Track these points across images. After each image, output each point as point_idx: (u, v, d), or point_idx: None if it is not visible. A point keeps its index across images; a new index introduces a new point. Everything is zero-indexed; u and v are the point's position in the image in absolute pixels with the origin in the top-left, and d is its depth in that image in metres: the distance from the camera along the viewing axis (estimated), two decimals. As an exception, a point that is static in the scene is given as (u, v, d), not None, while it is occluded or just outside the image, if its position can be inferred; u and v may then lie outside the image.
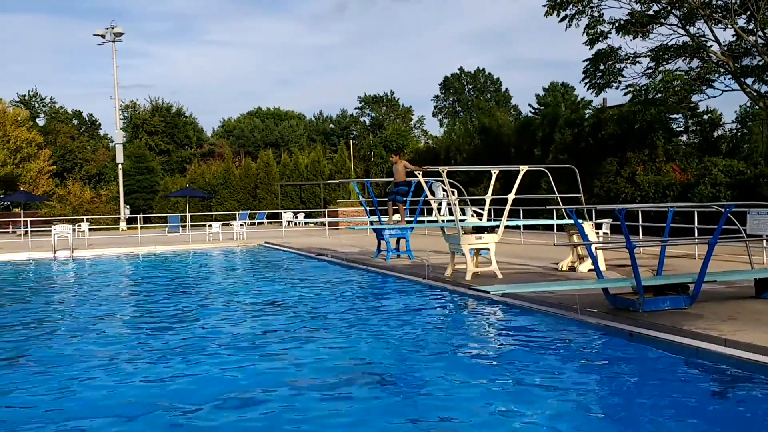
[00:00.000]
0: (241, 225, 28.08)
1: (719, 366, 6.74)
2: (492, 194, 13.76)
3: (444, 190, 16.82)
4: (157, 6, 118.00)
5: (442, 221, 14.50)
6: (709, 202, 19.98)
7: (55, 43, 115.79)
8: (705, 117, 25.97)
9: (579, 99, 62.26)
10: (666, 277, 9.26)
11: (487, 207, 14.60)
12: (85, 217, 32.13)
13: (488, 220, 15.82)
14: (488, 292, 9.43)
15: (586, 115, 29.55)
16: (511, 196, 12.75)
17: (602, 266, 13.16)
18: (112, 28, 39.74)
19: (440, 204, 16.53)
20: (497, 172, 13.48)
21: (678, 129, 26.81)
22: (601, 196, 25.35)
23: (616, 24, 24.77)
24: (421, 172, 13.29)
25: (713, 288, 9.95)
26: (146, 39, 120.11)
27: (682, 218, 20.18)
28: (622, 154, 25.37)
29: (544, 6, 25.15)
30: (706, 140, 24.72)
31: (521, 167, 12.93)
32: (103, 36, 39.91)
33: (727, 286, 10.41)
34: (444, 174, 12.34)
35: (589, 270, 12.59)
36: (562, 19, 25.11)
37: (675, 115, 26.22)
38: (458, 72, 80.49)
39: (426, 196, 14.80)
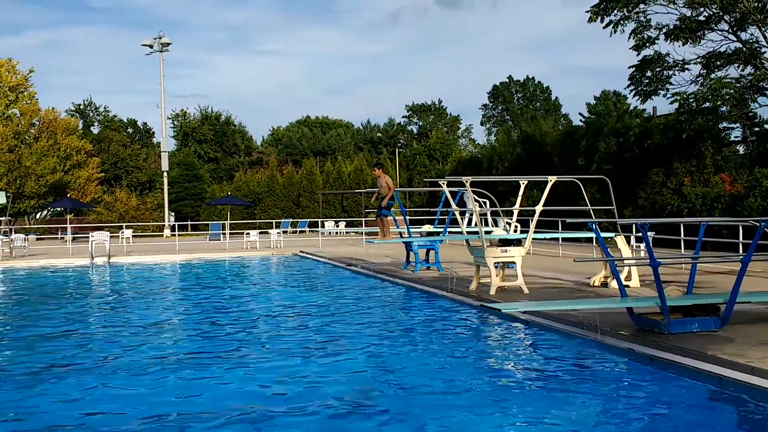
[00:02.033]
0: (279, 233, 28.05)
1: (743, 396, 6.15)
2: (536, 206, 13.11)
3: (476, 201, 16.38)
4: (214, 17, 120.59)
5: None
6: (759, 216, 18.97)
7: (114, 54, 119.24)
8: (766, 126, 24.70)
9: (632, 108, 60.72)
10: (694, 297, 8.63)
11: (514, 218, 14.08)
12: (124, 224, 32.63)
13: (521, 232, 15.29)
14: (500, 310, 8.96)
15: (633, 125, 28.56)
16: (539, 208, 12.25)
17: (636, 283, 12.54)
18: (160, 38, 40.44)
19: (471, 215, 16.08)
20: (526, 182, 12.96)
21: (735, 139, 25.67)
22: (646, 208, 24.43)
23: (665, 30, 23.93)
24: (445, 183, 12.86)
25: (750, 308, 9.26)
26: (203, 49, 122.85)
27: (730, 232, 19.22)
28: (668, 164, 24.42)
29: (587, 12, 24.49)
30: (758, 150, 23.57)
31: (550, 178, 12.40)
32: (150, 46, 40.68)
33: (768, 307, 9.70)
34: (467, 184, 11.89)
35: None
36: (607, 25, 24.38)
37: (732, 125, 25.10)
38: (507, 80, 79.51)
39: (465, 207, 14.41)
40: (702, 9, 23.04)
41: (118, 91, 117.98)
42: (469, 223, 16.19)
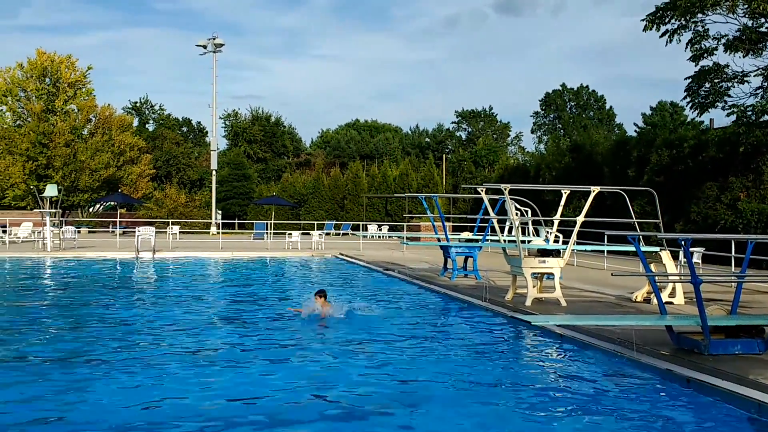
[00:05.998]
0: (320, 235, 28.08)
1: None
2: (583, 216, 12.66)
3: (517, 209, 16.04)
4: (270, 22, 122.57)
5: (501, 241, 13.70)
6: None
7: (173, 55, 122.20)
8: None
9: (689, 120, 59.02)
10: (737, 317, 8.20)
11: (554, 228, 13.71)
12: (170, 221, 33.13)
13: (564, 243, 14.91)
14: (530, 322, 8.67)
15: (688, 136, 27.68)
16: (580, 219, 11.88)
17: (681, 300, 12.05)
18: (213, 39, 41.02)
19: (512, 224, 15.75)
20: (568, 192, 12.60)
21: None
22: (698, 223, 23.64)
23: (724, 40, 23.13)
24: (483, 191, 12.59)
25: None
26: (260, 53, 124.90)
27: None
28: (723, 178, 23.57)
29: (643, 20, 23.84)
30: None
31: (592, 188, 12.02)
32: (204, 47, 41.28)
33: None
34: (506, 192, 11.61)
35: (666, 303, 11.51)
36: (663, 34, 23.69)
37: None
38: (560, 88, 78.30)
39: (506, 215, 14.10)
40: (763, 20, 22.20)
41: (176, 91, 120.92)
42: (509, 232, 15.87)
